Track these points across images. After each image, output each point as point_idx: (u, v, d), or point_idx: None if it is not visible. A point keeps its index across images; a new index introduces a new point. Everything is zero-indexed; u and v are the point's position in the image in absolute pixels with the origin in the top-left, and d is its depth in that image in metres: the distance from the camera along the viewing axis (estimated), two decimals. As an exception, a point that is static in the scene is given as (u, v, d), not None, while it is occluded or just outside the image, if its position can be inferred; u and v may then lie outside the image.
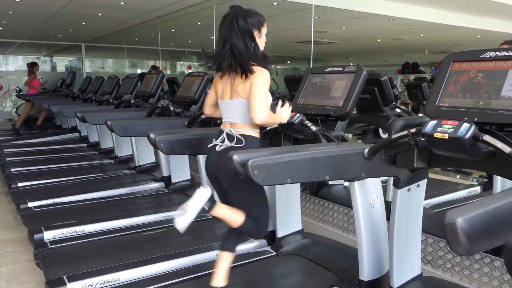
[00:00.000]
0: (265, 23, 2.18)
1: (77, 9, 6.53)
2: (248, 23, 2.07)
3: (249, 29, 2.08)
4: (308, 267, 2.59)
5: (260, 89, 2.06)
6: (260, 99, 2.05)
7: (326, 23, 7.27)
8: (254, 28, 2.11)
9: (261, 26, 2.15)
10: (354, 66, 2.60)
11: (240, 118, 2.13)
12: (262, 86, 2.07)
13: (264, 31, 2.17)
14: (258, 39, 2.14)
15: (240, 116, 2.13)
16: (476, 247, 1.02)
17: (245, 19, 2.07)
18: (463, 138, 1.58)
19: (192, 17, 6.70)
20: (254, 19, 2.10)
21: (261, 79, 2.07)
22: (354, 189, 2.20)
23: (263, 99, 2.06)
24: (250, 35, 2.08)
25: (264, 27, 2.17)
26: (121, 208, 3.75)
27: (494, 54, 1.81)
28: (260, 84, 2.06)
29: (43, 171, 5.02)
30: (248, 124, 2.13)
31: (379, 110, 3.74)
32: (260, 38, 2.15)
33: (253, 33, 2.09)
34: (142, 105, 5.17)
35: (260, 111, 2.04)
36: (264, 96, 2.07)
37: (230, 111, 2.16)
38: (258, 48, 2.13)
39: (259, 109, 2.03)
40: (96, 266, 2.56)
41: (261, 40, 2.17)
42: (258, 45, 2.14)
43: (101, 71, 13.00)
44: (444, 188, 4.18)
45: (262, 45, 2.18)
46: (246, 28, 2.07)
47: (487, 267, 2.38)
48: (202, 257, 2.78)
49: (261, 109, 2.04)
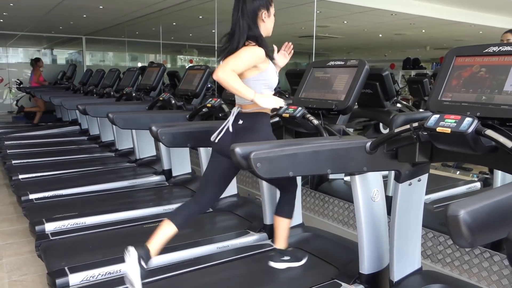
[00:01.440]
0: (272, 2, 2.23)
1: (78, 1, 6.51)
2: (255, 4, 2.14)
3: (255, 9, 2.14)
4: (309, 261, 2.60)
5: (238, 53, 2.09)
6: (229, 59, 2.06)
7: (328, 18, 7.24)
8: (263, 7, 2.16)
9: (269, 6, 2.20)
10: (356, 60, 2.60)
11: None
12: (243, 52, 2.10)
13: (272, 11, 2.23)
14: (267, 19, 2.20)
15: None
16: (478, 240, 1.03)
17: (253, 1, 2.13)
18: (466, 132, 1.58)
19: (194, 10, 6.68)
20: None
21: (245, 48, 2.11)
22: (355, 183, 2.20)
23: (232, 60, 2.06)
24: (254, 18, 2.14)
25: (272, 6, 2.23)
26: (122, 200, 3.76)
27: (497, 49, 1.80)
28: (242, 51, 2.10)
29: (44, 163, 5.03)
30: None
31: (380, 105, 3.74)
32: (269, 18, 2.21)
33: (260, 10, 2.15)
34: (143, 98, 5.17)
35: (221, 68, 2.02)
36: (237, 58, 2.07)
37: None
38: (259, 30, 2.19)
39: (221, 66, 2.03)
40: (97, 258, 2.57)
41: (270, 20, 2.23)
42: (267, 26, 2.21)
43: (101, 64, 12.97)
44: (444, 183, 4.19)
45: (271, 25, 2.25)
46: (252, 9, 2.13)
47: (486, 262, 2.39)
48: (203, 250, 2.79)
49: (222, 67, 2.02)
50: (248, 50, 2.11)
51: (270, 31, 2.27)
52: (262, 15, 2.17)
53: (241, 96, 2.09)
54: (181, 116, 3.67)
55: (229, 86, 2.03)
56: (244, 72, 2.14)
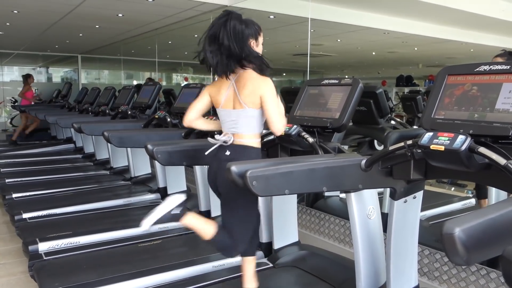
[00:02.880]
0: (261, 32, 2.22)
1: (75, 20, 6.56)
2: (244, 28, 2.10)
3: (243, 32, 2.10)
4: (305, 279, 2.59)
5: (273, 101, 2.11)
6: (277, 112, 2.12)
7: (322, 36, 7.35)
8: (251, 37, 2.14)
9: (258, 36, 2.19)
10: (350, 78, 2.63)
11: (245, 128, 2.15)
12: (273, 96, 2.12)
13: (260, 40, 2.21)
14: (256, 48, 2.17)
15: (245, 126, 2.15)
16: (474, 257, 1.03)
17: (241, 24, 2.10)
18: (459, 150, 1.60)
19: (189, 29, 6.75)
20: (251, 28, 2.14)
21: (269, 89, 2.11)
22: (351, 200, 2.21)
23: (278, 110, 2.13)
24: (242, 39, 2.09)
25: (261, 36, 2.21)
26: (116, 219, 3.73)
27: (488, 68, 1.84)
28: (270, 95, 2.10)
29: (37, 182, 4.98)
30: (251, 134, 2.16)
31: (374, 122, 3.77)
32: (257, 47, 2.19)
33: (248, 39, 2.12)
34: (138, 116, 5.17)
35: (279, 124, 2.12)
36: (278, 107, 2.14)
37: (234, 120, 2.17)
38: (253, 50, 2.15)
39: (279, 122, 2.12)
40: (91, 278, 2.54)
41: (258, 49, 2.20)
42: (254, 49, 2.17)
43: (97, 82, 13.02)
44: (439, 200, 4.20)
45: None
46: (240, 30, 2.09)
47: (483, 279, 2.38)
48: (198, 269, 2.76)
49: (280, 122, 2.13)
50: (273, 92, 2.12)
51: None
52: (251, 44, 2.14)
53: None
54: (177, 134, 3.67)
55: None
56: (258, 103, 2.13)
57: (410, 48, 8.64)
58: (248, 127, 2.14)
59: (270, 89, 2.11)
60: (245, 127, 2.15)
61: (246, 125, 2.14)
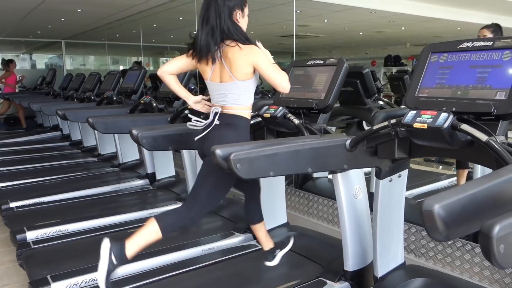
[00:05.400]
0: (246, 3, 2.21)
1: (55, 4, 6.40)
2: (230, 2, 2.10)
3: (230, 9, 2.10)
4: (294, 259, 2.61)
5: (267, 63, 2.12)
6: (276, 72, 2.12)
7: (308, 17, 7.28)
8: (237, 7, 2.13)
9: (243, 6, 2.18)
10: (335, 59, 2.61)
11: (235, 100, 2.16)
12: (265, 59, 2.12)
13: (246, 12, 2.21)
14: (242, 19, 2.17)
15: (234, 98, 2.16)
16: (454, 233, 1.05)
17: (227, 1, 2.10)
18: (442, 127, 1.61)
19: (173, 12, 6.63)
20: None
21: (259, 54, 2.12)
22: (337, 181, 2.22)
23: (276, 69, 2.13)
24: (230, 15, 2.11)
25: (246, 7, 2.21)
26: (105, 206, 3.71)
27: (471, 45, 1.84)
28: (262, 60, 2.11)
29: (24, 170, 4.93)
30: (241, 106, 2.17)
31: (361, 103, 3.78)
32: (243, 18, 2.19)
33: (234, 10, 2.12)
34: (124, 102, 5.11)
35: (283, 81, 2.13)
36: (275, 66, 2.14)
37: (223, 93, 2.18)
38: (241, 28, 2.16)
39: (282, 80, 2.13)
40: (80, 265, 2.53)
41: (244, 21, 2.20)
42: (241, 26, 2.17)
43: (82, 68, 12.80)
44: (426, 178, 4.25)
45: (245, 25, 2.22)
46: (227, 8, 2.09)
47: (468, 254, 2.43)
48: (188, 253, 2.78)
49: (283, 79, 2.13)
50: (264, 56, 2.13)
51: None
52: (236, 16, 2.14)
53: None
54: (163, 119, 3.64)
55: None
56: (250, 73, 2.14)
57: (397, 27, 8.61)
58: (238, 99, 2.16)
59: (260, 54, 2.12)
60: (235, 99, 2.16)
61: (236, 97, 2.16)
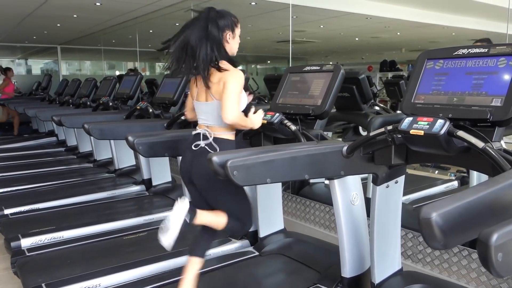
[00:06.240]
0: (238, 24, 2.16)
1: (51, 10, 6.40)
2: (220, 27, 2.05)
3: (219, 36, 2.05)
4: (291, 266, 2.60)
5: (232, 89, 2.03)
6: (231, 100, 2.01)
7: (305, 22, 7.31)
8: (228, 28, 2.09)
9: (235, 27, 2.13)
10: (332, 65, 2.62)
11: (216, 121, 2.11)
12: (234, 86, 2.04)
13: (237, 32, 2.16)
14: (232, 40, 2.13)
15: (215, 118, 2.11)
16: (451, 241, 1.04)
17: (217, 23, 2.05)
18: (438, 134, 1.61)
19: (169, 17, 6.64)
20: (227, 20, 2.09)
21: (234, 79, 2.04)
22: (334, 187, 2.22)
23: (234, 99, 2.02)
24: (218, 43, 2.06)
25: (238, 28, 2.15)
26: (101, 212, 3.69)
27: (467, 51, 1.85)
28: (232, 84, 2.03)
29: (19, 176, 4.90)
30: (223, 127, 2.11)
31: (358, 108, 3.78)
32: (233, 39, 2.14)
33: (222, 41, 2.07)
34: (120, 108, 5.10)
35: (230, 111, 2.00)
36: (236, 96, 2.04)
37: (206, 113, 2.14)
38: (226, 53, 2.11)
39: (229, 109, 2.00)
40: (76, 273, 2.52)
41: (235, 41, 2.15)
42: (231, 46, 2.13)
43: (78, 73, 12.77)
44: (423, 183, 4.25)
45: (236, 46, 2.17)
46: (216, 35, 2.04)
47: (465, 260, 2.43)
48: (184, 260, 2.74)
49: (231, 110, 2.00)
50: (236, 83, 2.04)
51: (235, 52, 2.19)
52: (226, 36, 2.09)
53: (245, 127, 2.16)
54: (159, 125, 3.63)
55: (242, 126, 2.14)
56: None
57: (393, 33, 8.66)
58: (219, 119, 2.08)
59: (233, 78, 2.04)
60: (216, 120, 2.10)
61: (216, 117, 2.10)
